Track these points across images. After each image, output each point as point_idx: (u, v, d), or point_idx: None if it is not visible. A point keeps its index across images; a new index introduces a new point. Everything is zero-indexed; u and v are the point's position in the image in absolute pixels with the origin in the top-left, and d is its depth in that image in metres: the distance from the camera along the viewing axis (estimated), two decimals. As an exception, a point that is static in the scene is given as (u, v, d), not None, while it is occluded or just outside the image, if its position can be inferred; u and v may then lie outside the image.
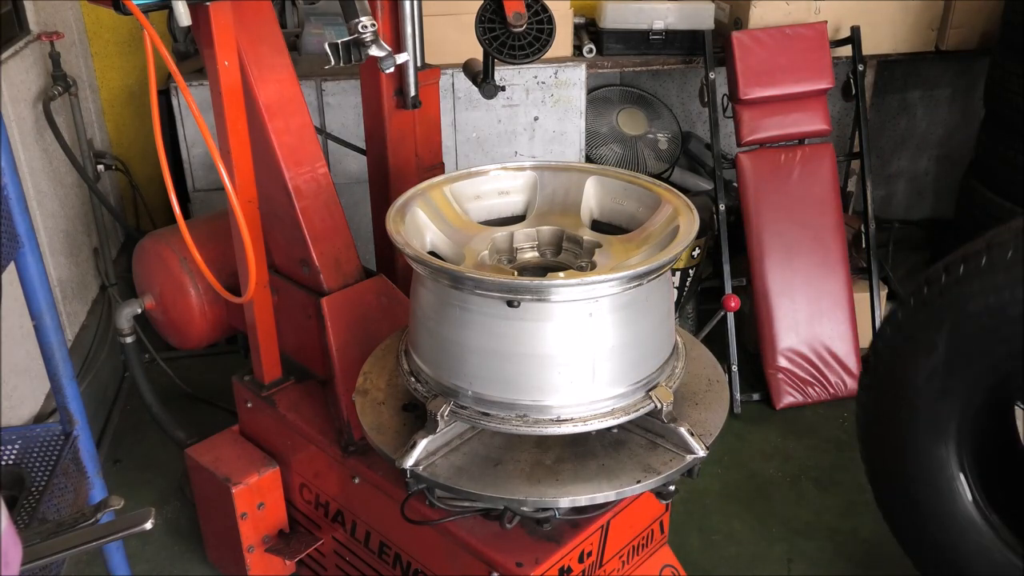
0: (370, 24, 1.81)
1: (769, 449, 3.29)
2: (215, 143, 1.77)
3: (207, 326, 2.47)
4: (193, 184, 3.61)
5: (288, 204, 2.10)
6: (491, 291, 1.57)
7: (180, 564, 2.77)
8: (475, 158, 3.65)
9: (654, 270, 1.62)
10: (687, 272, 3.60)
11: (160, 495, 3.03)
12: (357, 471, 2.17)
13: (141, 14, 1.54)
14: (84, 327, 3.34)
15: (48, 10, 3.39)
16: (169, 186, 1.70)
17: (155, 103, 1.62)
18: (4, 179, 1.84)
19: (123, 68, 4.04)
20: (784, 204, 3.51)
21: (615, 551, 2.06)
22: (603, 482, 1.67)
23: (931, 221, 4.65)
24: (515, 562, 1.84)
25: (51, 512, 1.93)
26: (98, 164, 3.66)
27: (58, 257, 3.17)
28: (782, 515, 2.95)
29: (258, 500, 2.39)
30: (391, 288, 2.26)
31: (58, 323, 2.04)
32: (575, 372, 1.62)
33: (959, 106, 4.51)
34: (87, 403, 2.22)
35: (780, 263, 3.48)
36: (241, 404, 2.47)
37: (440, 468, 1.70)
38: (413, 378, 1.78)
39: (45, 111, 3.12)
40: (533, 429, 1.64)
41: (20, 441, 2.14)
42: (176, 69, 1.61)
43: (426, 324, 1.72)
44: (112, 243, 3.85)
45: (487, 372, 1.64)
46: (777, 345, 3.47)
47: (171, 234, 2.47)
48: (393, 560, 2.20)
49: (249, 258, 1.83)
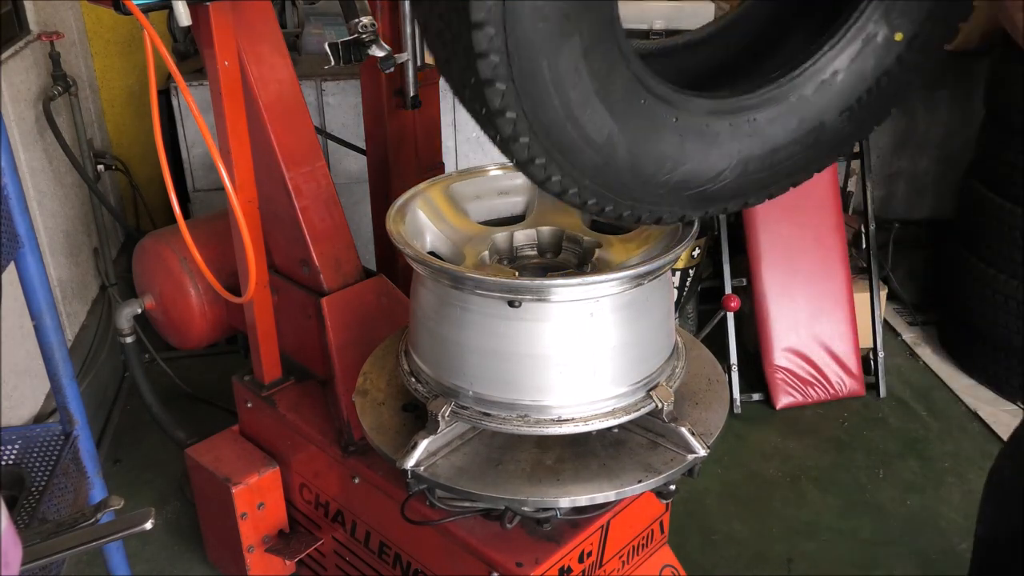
0: (370, 24, 1.81)
1: (769, 449, 3.29)
2: (215, 143, 1.77)
3: (207, 326, 2.47)
4: (193, 184, 3.61)
5: (288, 204, 2.10)
6: (492, 291, 1.57)
7: (180, 564, 2.77)
8: (475, 158, 3.65)
9: (654, 270, 1.62)
10: (687, 272, 3.60)
11: (160, 495, 3.03)
12: (357, 471, 2.17)
13: (141, 14, 1.54)
14: (84, 327, 3.34)
15: (48, 10, 3.39)
16: (169, 186, 1.69)
17: (155, 103, 1.62)
18: (4, 179, 1.84)
19: (123, 68, 4.04)
20: (784, 204, 3.50)
21: (615, 551, 2.06)
22: (604, 482, 1.67)
23: (931, 221, 4.65)
24: (515, 562, 1.84)
25: (51, 512, 1.93)
26: (98, 164, 3.66)
27: (58, 257, 3.17)
28: (782, 515, 2.95)
29: (258, 500, 2.39)
30: (391, 288, 2.26)
31: (58, 323, 2.04)
32: (575, 372, 1.62)
33: (959, 106, 4.50)
34: (87, 403, 2.22)
35: (780, 263, 3.48)
36: (241, 404, 2.47)
37: (441, 468, 1.69)
38: (413, 378, 1.78)
39: (45, 111, 3.12)
40: (534, 429, 1.64)
41: (20, 441, 2.14)
42: (176, 69, 1.61)
43: (426, 324, 1.72)
44: (112, 243, 3.85)
45: (488, 372, 1.64)
46: (777, 345, 3.47)
47: (171, 234, 2.47)
48: (393, 560, 2.20)
49: (249, 258, 1.83)
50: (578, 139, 1.27)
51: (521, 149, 1.25)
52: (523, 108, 1.20)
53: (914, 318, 4.11)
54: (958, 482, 3.13)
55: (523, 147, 1.25)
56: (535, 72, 1.18)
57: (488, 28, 1.11)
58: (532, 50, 1.16)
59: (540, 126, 1.23)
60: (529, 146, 1.25)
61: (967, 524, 2.86)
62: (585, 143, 1.28)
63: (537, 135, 1.23)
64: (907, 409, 3.52)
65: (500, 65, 1.15)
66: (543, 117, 1.22)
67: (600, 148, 1.30)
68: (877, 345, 3.61)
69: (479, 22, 1.11)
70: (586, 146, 1.28)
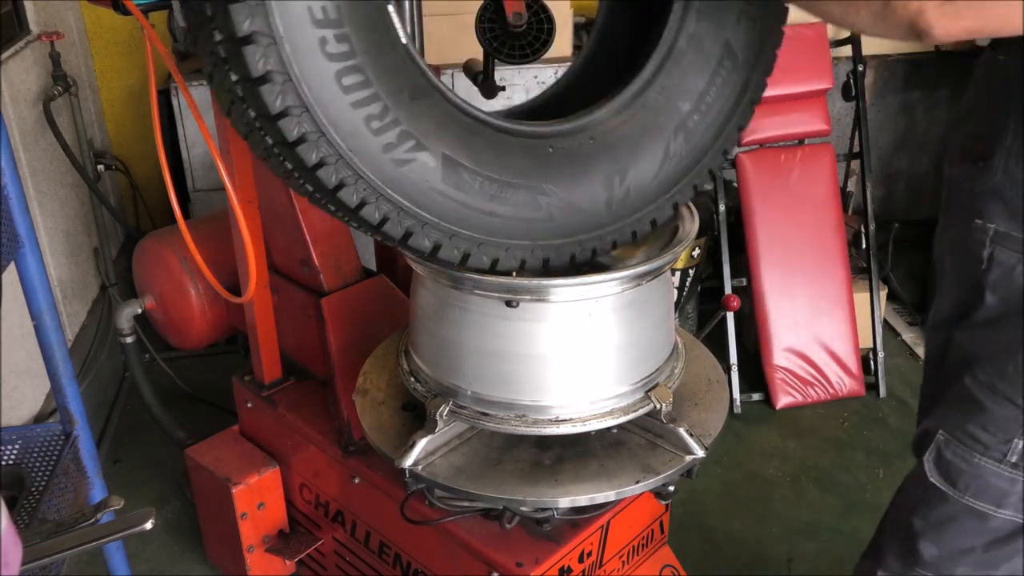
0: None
1: (769, 449, 3.29)
2: (215, 143, 1.77)
3: (207, 326, 2.47)
4: (193, 184, 3.61)
5: (288, 204, 2.10)
6: (490, 291, 1.57)
7: (180, 564, 2.77)
8: (475, 158, 3.64)
9: (654, 270, 1.62)
10: (687, 272, 3.60)
11: (160, 495, 3.03)
12: (357, 471, 2.17)
13: (141, 14, 1.54)
14: (84, 327, 3.34)
15: (48, 10, 3.39)
16: (169, 186, 1.69)
17: (155, 103, 1.62)
18: (4, 179, 1.84)
19: (123, 68, 4.04)
20: (784, 204, 3.51)
21: (615, 551, 2.06)
22: (603, 482, 1.67)
23: (931, 221, 4.61)
24: (515, 562, 1.84)
25: (51, 512, 1.93)
26: (98, 164, 3.66)
27: (58, 257, 3.17)
28: (782, 515, 2.95)
29: (258, 500, 2.39)
30: (391, 288, 2.26)
31: (58, 323, 2.04)
32: (574, 372, 1.62)
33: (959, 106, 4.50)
34: (87, 403, 2.22)
35: (780, 263, 3.48)
36: (241, 404, 2.47)
37: (439, 468, 1.69)
38: (413, 378, 1.78)
39: (45, 111, 3.12)
40: (532, 429, 1.64)
41: (20, 441, 2.14)
42: (176, 69, 1.61)
43: (426, 324, 1.72)
44: (112, 243, 3.85)
45: (486, 372, 1.64)
46: (777, 345, 3.47)
47: (171, 234, 2.47)
48: (393, 560, 2.20)
49: (249, 258, 1.83)
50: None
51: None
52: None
53: (914, 318, 4.11)
54: (958, 482, 3.12)
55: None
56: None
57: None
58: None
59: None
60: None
61: (967, 524, 2.86)
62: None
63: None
64: (907, 409, 3.52)
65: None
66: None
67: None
68: (877, 345, 3.61)
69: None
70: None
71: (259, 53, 1.17)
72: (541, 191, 1.45)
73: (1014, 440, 1.55)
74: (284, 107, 1.21)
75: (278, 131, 1.23)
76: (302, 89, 1.21)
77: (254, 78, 1.18)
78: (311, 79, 1.21)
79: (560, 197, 1.47)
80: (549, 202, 1.46)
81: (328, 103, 1.23)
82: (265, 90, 1.19)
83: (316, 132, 1.24)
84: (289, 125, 1.22)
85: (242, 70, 1.19)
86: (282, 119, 1.22)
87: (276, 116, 1.21)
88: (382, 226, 1.35)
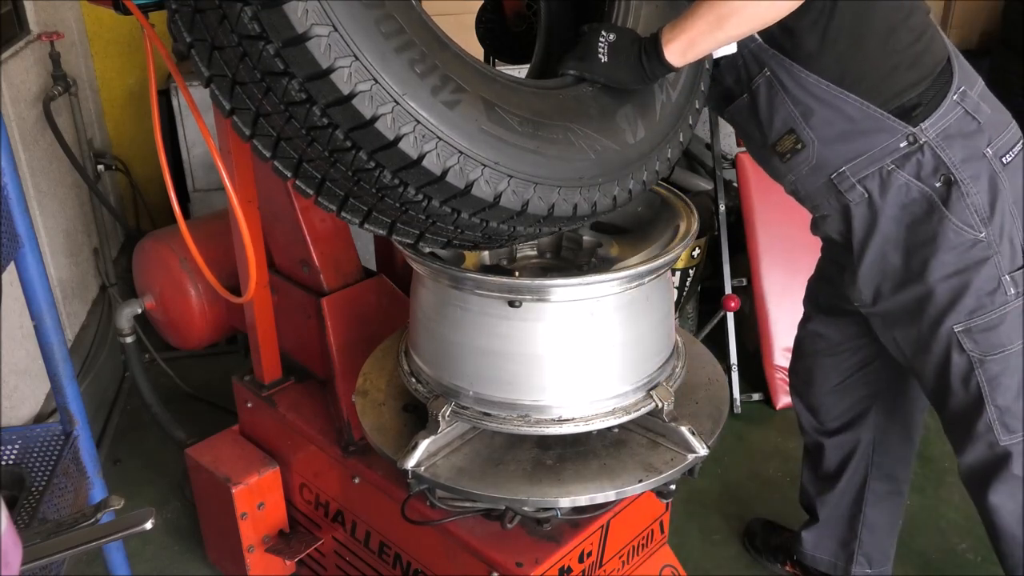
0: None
1: (769, 449, 3.29)
2: (215, 143, 1.77)
3: (207, 326, 2.46)
4: (193, 184, 3.61)
5: (288, 204, 2.10)
6: (492, 291, 1.57)
7: (180, 564, 2.77)
8: (475, 158, 3.64)
9: (654, 270, 1.62)
10: (687, 272, 3.60)
11: (160, 495, 3.03)
12: (357, 471, 2.17)
13: (141, 14, 1.54)
14: (84, 327, 3.34)
15: (48, 10, 3.39)
16: (169, 186, 1.69)
17: (155, 103, 1.62)
18: (4, 179, 1.84)
19: (123, 68, 4.04)
20: (784, 204, 3.48)
21: (615, 551, 2.06)
22: (604, 481, 1.67)
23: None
24: (515, 562, 1.84)
25: (51, 512, 1.93)
26: (98, 164, 3.66)
27: (58, 257, 3.17)
28: (782, 515, 2.95)
29: (258, 500, 2.39)
30: (391, 288, 2.26)
31: (58, 323, 2.04)
32: (576, 372, 1.62)
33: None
34: (87, 403, 2.22)
35: (780, 263, 3.48)
36: (241, 404, 2.47)
37: (441, 468, 1.69)
38: (414, 378, 1.78)
39: (45, 111, 3.12)
40: (534, 429, 1.64)
41: (20, 441, 2.14)
42: (176, 69, 1.61)
43: (426, 324, 1.72)
44: (112, 243, 3.85)
45: (488, 372, 1.64)
46: (777, 345, 3.47)
47: (171, 234, 2.47)
48: (393, 560, 2.20)
49: (249, 258, 1.83)
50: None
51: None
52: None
53: (914, 318, 4.11)
54: (958, 482, 3.11)
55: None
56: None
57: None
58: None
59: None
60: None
61: (967, 524, 2.86)
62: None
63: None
64: (907, 409, 3.51)
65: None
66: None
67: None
68: (877, 345, 3.60)
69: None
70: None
71: (300, 9, 1.15)
72: (571, 130, 1.46)
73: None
74: (332, 60, 1.18)
75: (330, 86, 1.19)
76: (348, 40, 1.18)
77: (299, 34, 1.16)
78: (355, 30, 1.18)
79: (589, 135, 1.48)
80: (582, 140, 1.46)
81: (374, 50, 1.20)
82: (312, 45, 1.16)
83: (369, 80, 1.20)
84: (341, 77, 1.19)
85: (287, 31, 1.16)
86: (332, 73, 1.18)
87: (326, 71, 1.18)
88: (444, 176, 1.30)
